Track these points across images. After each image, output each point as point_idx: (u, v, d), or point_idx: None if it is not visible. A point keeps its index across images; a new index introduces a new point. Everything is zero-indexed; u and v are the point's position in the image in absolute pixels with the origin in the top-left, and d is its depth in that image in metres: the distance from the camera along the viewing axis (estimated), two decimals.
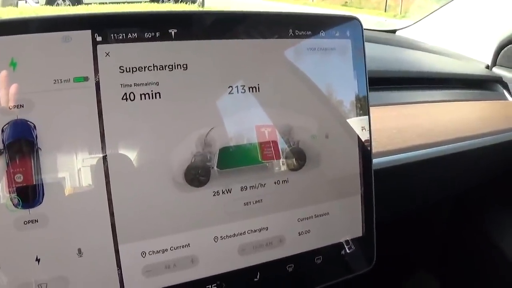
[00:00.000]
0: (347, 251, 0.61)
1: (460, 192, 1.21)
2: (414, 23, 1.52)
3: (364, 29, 0.61)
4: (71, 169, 0.45)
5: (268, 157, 0.54)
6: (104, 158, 0.46)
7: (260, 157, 0.54)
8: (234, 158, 0.53)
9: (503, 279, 1.12)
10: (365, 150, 0.61)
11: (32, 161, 0.44)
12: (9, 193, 0.43)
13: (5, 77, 0.43)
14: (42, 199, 0.44)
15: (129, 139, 0.48)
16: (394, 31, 1.56)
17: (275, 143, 0.55)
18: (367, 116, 0.61)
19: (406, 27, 1.52)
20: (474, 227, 1.22)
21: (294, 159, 0.56)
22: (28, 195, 0.44)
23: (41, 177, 0.44)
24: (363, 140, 0.61)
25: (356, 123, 0.60)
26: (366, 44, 0.61)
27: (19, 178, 0.44)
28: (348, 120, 0.60)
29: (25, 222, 0.44)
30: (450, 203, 1.27)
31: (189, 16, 0.52)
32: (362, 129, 0.61)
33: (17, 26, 0.44)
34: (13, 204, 0.43)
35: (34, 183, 0.44)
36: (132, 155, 0.48)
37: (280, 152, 0.55)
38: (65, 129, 0.45)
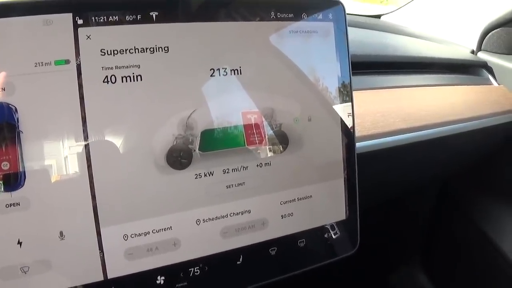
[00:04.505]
0: (331, 234, 0.62)
1: (444, 177, 1.22)
2: (399, 8, 1.51)
3: (349, 14, 0.61)
4: (52, 153, 0.45)
5: (250, 140, 0.55)
6: (86, 141, 0.46)
7: (243, 141, 0.54)
8: (216, 141, 0.53)
9: (489, 264, 1.13)
10: (348, 133, 0.62)
11: (13, 144, 0.44)
12: None
13: None
14: (24, 182, 0.44)
15: (111, 122, 0.48)
16: (379, 16, 1.56)
17: (257, 126, 0.55)
18: (350, 99, 0.62)
19: (391, 12, 1.52)
20: (458, 212, 1.23)
21: (276, 142, 0.56)
22: (10, 178, 0.44)
23: (22, 160, 0.44)
24: (346, 123, 0.61)
25: (340, 106, 0.60)
26: (350, 29, 0.61)
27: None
28: (331, 103, 0.60)
29: (7, 205, 0.44)
30: (435, 188, 1.28)
31: None
32: (345, 112, 0.61)
33: None
34: None
35: (16, 166, 0.44)
36: (113, 138, 0.48)
37: (263, 136, 0.56)
38: (47, 112, 0.45)
